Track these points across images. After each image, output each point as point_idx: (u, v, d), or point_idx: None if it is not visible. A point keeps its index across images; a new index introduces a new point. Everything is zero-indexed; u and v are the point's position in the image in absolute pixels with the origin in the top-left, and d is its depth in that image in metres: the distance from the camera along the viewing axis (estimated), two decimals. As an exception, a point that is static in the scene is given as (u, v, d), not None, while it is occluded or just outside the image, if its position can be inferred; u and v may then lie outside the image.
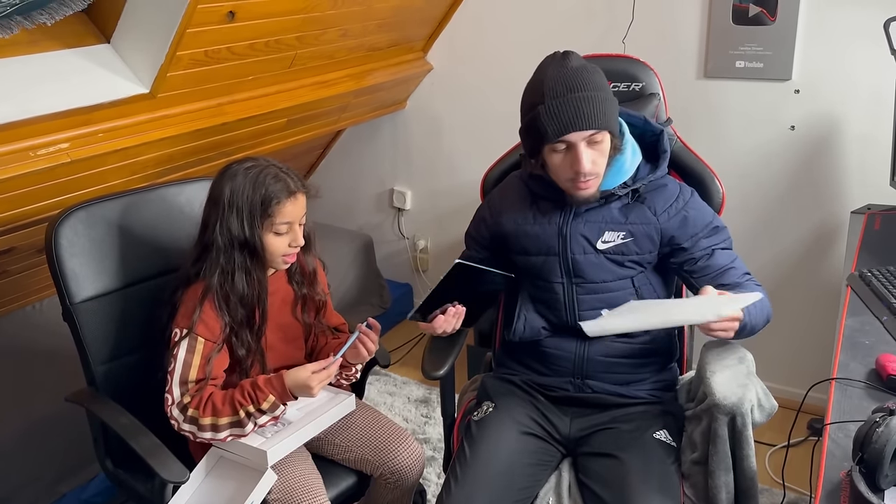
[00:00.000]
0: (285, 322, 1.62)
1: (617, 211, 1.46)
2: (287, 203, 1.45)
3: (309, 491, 1.43)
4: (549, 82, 1.33)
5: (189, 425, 1.42)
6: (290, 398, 1.44)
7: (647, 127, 1.51)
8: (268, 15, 1.97)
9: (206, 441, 1.44)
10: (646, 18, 2.42)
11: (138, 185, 2.09)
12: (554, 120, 1.32)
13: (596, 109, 1.31)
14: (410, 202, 3.22)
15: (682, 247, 1.46)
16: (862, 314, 1.47)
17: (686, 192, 1.49)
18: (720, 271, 1.45)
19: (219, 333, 1.47)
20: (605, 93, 1.35)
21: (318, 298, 1.66)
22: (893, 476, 0.99)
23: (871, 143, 2.19)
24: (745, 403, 1.29)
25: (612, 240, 1.44)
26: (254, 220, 1.44)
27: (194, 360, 1.45)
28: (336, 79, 2.54)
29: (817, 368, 2.31)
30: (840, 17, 2.15)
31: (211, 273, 1.46)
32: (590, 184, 1.39)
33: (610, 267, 1.45)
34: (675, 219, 1.45)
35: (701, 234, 1.46)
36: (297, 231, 1.49)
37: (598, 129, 1.32)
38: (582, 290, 1.46)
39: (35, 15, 1.67)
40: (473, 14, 2.77)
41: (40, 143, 1.71)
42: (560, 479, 1.42)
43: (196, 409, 1.42)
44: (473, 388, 1.68)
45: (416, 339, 3.04)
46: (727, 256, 1.47)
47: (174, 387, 1.44)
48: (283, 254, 1.49)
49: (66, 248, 1.51)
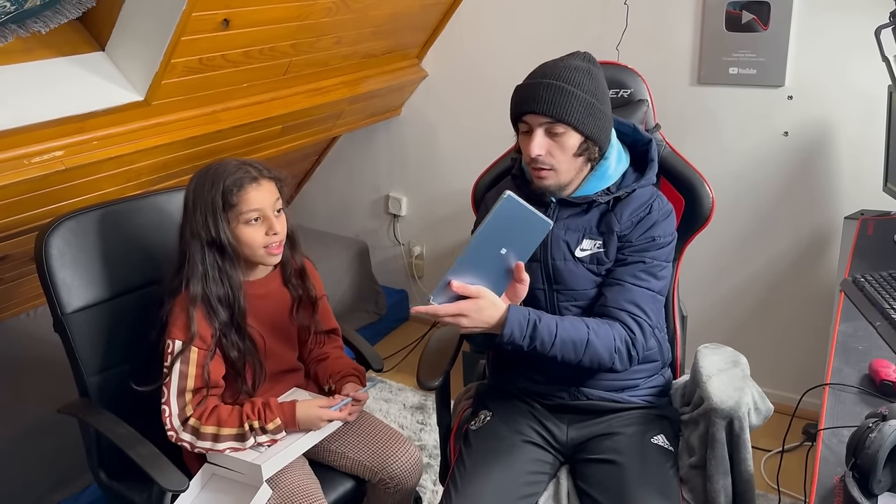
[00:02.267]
0: (282, 325, 1.61)
1: (594, 218, 1.44)
2: (250, 189, 1.44)
3: (308, 496, 1.43)
4: (538, 67, 1.38)
5: (189, 435, 1.42)
6: (295, 428, 1.46)
7: (636, 135, 1.50)
8: (262, 23, 1.97)
9: (203, 451, 1.44)
10: (639, 25, 2.43)
11: (133, 192, 2.09)
12: (517, 97, 1.37)
13: (557, 99, 1.31)
14: (406, 208, 3.22)
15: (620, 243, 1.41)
16: (855, 319, 1.47)
17: (656, 204, 1.43)
18: (613, 283, 1.40)
19: (210, 340, 1.47)
20: (581, 92, 1.32)
21: (312, 295, 1.65)
22: (887, 481, 0.99)
23: (864, 148, 2.20)
24: (742, 407, 1.29)
25: (589, 248, 1.43)
26: (216, 215, 1.43)
27: (190, 370, 1.44)
28: (331, 86, 2.54)
29: (811, 373, 2.31)
30: (832, 23, 2.16)
31: (193, 280, 1.45)
32: (544, 174, 1.37)
33: (587, 275, 1.43)
34: (633, 225, 1.41)
35: (637, 239, 1.40)
36: (272, 218, 1.47)
37: (552, 117, 1.32)
38: (563, 297, 1.45)
39: (30, 23, 1.67)
40: (468, 21, 2.78)
41: (35, 150, 1.71)
42: (559, 487, 1.42)
43: (198, 419, 1.42)
44: (468, 396, 1.68)
45: (411, 346, 3.03)
46: (635, 276, 1.39)
47: (172, 398, 1.43)
48: (262, 245, 1.48)
49: (56, 258, 1.50)
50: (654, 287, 1.40)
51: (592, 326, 1.34)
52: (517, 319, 1.28)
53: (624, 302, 1.38)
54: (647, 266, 1.40)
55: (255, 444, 1.44)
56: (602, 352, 1.34)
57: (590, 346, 1.33)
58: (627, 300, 1.38)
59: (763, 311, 2.53)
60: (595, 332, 1.33)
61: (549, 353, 1.32)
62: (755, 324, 2.55)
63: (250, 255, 1.49)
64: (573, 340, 1.32)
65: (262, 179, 1.47)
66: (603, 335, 1.34)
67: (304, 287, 1.64)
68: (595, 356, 1.34)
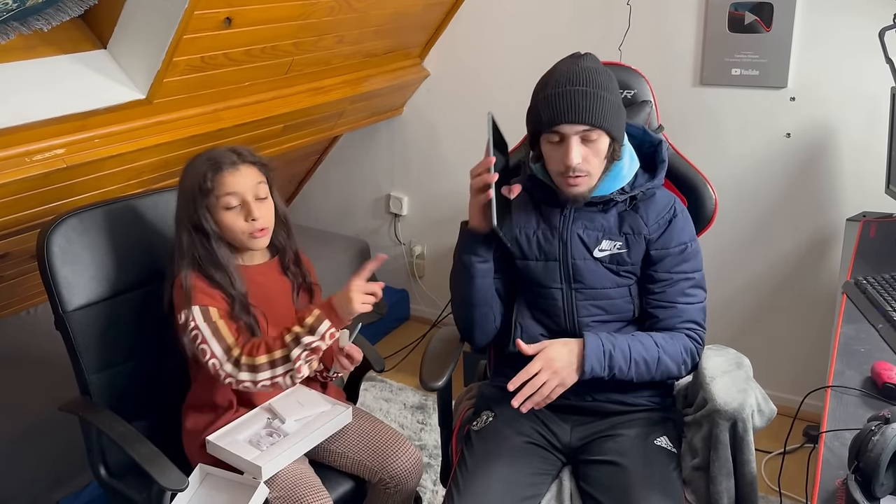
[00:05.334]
0: (282, 312, 1.61)
1: (614, 219, 1.46)
2: (226, 174, 1.45)
3: (311, 487, 1.43)
4: (555, 74, 1.37)
5: (246, 373, 1.39)
6: (333, 313, 1.41)
7: (645, 137, 1.52)
8: (264, 21, 1.97)
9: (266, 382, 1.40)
10: (642, 26, 2.43)
11: (135, 190, 2.08)
12: (549, 108, 1.34)
13: (593, 106, 1.32)
14: (407, 208, 3.22)
15: (651, 256, 1.45)
16: (857, 322, 1.47)
17: (678, 206, 1.48)
18: (666, 306, 1.45)
19: (221, 299, 1.47)
20: (609, 94, 1.35)
21: (309, 281, 1.66)
22: (889, 484, 0.99)
23: (867, 150, 2.20)
24: (746, 409, 1.29)
25: (609, 249, 1.44)
26: (195, 200, 1.46)
27: (220, 327, 1.44)
28: (332, 85, 2.54)
29: (813, 376, 2.31)
30: (835, 25, 2.16)
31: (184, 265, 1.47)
32: (580, 181, 1.38)
33: (607, 274, 1.45)
34: (661, 229, 1.45)
35: (672, 248, 1.44)
36: (251, 203, 1.47)
37: (590, 125, 1.33)
38: (581, 295, 1.46)
39: (32, 21, 1.66)
40: (470, 20, 2.78)
41: (36, 148, 1.71)
42: (561, 488, 1.42)
43: (249, 354, 1.40)
44: (469, 396, 1.68)
45: (412, 345, 3.03)
46: (685, 294, 1.45)
47: (215, 349, 1.41)
48: (243, 231, 1.48)
49: (58, 256, 1.50)
50: (702, 297, 1.48)
51: (660, 343, 1.41)
52: (595, 355, 1.35)
53: (680, 324, 1.45)
54: (696, 281, 1.47)
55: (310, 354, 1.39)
56: (671, 365, 1.42)
57: (661, 363, 1.40)
58: (683, 321, 1.45)
59: (765, 312, 2.53)
60: (664, 349, 1.40)
61: (626, 377, 1.38)
62: (757, 325, 2.55)
63: (234, 240, 1.50)
64: (646, 360, 1.39)
65: (242, 165, 1.47)
66: (671, 350, 1.41)
67: (301, 273, 1.64)
68: (665, 371, 1.42)
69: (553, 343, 1.36)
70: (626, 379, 1.39)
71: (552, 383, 1.33)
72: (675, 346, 1.42)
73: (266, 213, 1.50)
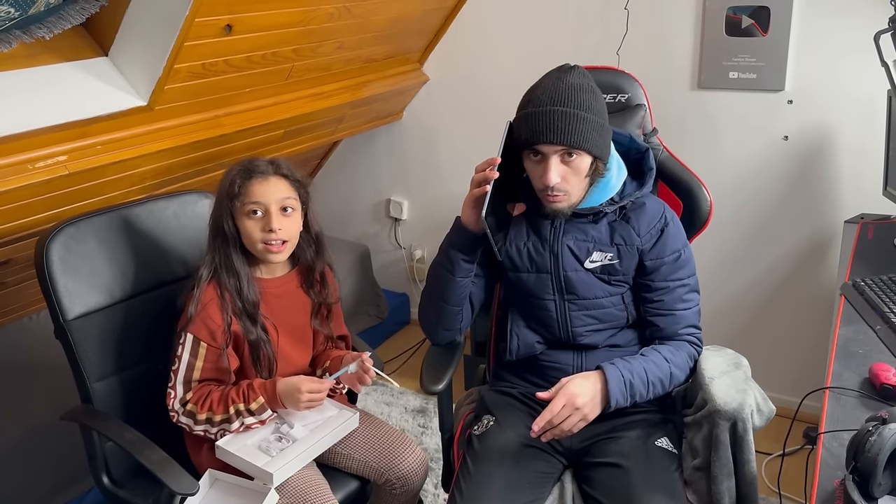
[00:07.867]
0: (297, 326, 1.62)
1: (605, 229, 1.45)
2: (254, 183, 1.47)
3: (320, 493, 1.44)
4: (538, 91, 1.36)
5: (186, 418, 1.48)
6: (279, 405, 1.48)
7: (632, 144, 1.52)
8: (265, 28, 1.98)
9: (201, 434, 1.48)
10: (640, 30, 2.44)
11: (136, 196, 2.09)
12: (529, 127, 1.34)
13: (573, 127, 1.31)
14: (407, 212, 3.23)
15: (645, 266, 1.45)
16: (855, 323, 1.48)
17: (668, 213, 1.48)
18: (666, 314, 1.47)
19: (221, 337, 1.48)
20: (592, 115, 1.33)
21: (329, 303, 1.66)
22: (887, 485, 0.99)
23: (864, 152, 2.21)
24: (746, 408, 1.30)
25: (600, 260, 1.45)
26: (222, 204, 1.49)
27: (197, 363, 1.48)
28: (332, 90, 2.55)
29: (811, 377, 2.32)
30: (832, 28, 2.17)
31: (205, 268, 1.50)
32: (559, 198, 1.38)
33: (599, 284, 1.46)
34: (654, 239, 1.45)
35: (667, 257, 1.45)
36: (272, 215, 1.47)
37: (569, 146, 1.32)
38: (574, 306, 1.47)
39: (33, 29, 1.68)
40: (469, 26, 2.79)
41: (38, 155, 1.72)
42: (563, 491, 1.43)
43: (195, 404, 1.47)
44: (470, 401, 1.68)
45: (412, 349, 3.04)
46: (683, 300, 1.47)
47: (177, 384, 1.49)
48: (259, 240, 1.48)
49: (57, 265, 1.49)
50: (697, 300, 1.51)
51: (669, 358, 1.43)
52: (618, 388, 1.35)
53: (680, 330, 1.48)
54: (692, 286, 1.49)
55: (244, 427, 1.48)
56: (680, 375, 1.45)
57: (673, 378, 1.43)
58: (683, 326, 1.48)
59: (763, 314, 2.53)
60: (673, 363, 1.43)
61: (644, 399, 1.40)
62: (756, 327, 2.56)
63: (251, 248, 1.51)
64: (661, 379, 1.41)
65: (273, 176, 1.49)
66: (679, 362, 1.44)
67: (323, 293, 1.64)
68: (676, 382, 1.45)
69: (573, 379, 1.35)
70: (643, 401, 1.41)
71: (574, 419, 1.32)
72: (682, 357, 1.44)
73: (288, 228, 1.50)
